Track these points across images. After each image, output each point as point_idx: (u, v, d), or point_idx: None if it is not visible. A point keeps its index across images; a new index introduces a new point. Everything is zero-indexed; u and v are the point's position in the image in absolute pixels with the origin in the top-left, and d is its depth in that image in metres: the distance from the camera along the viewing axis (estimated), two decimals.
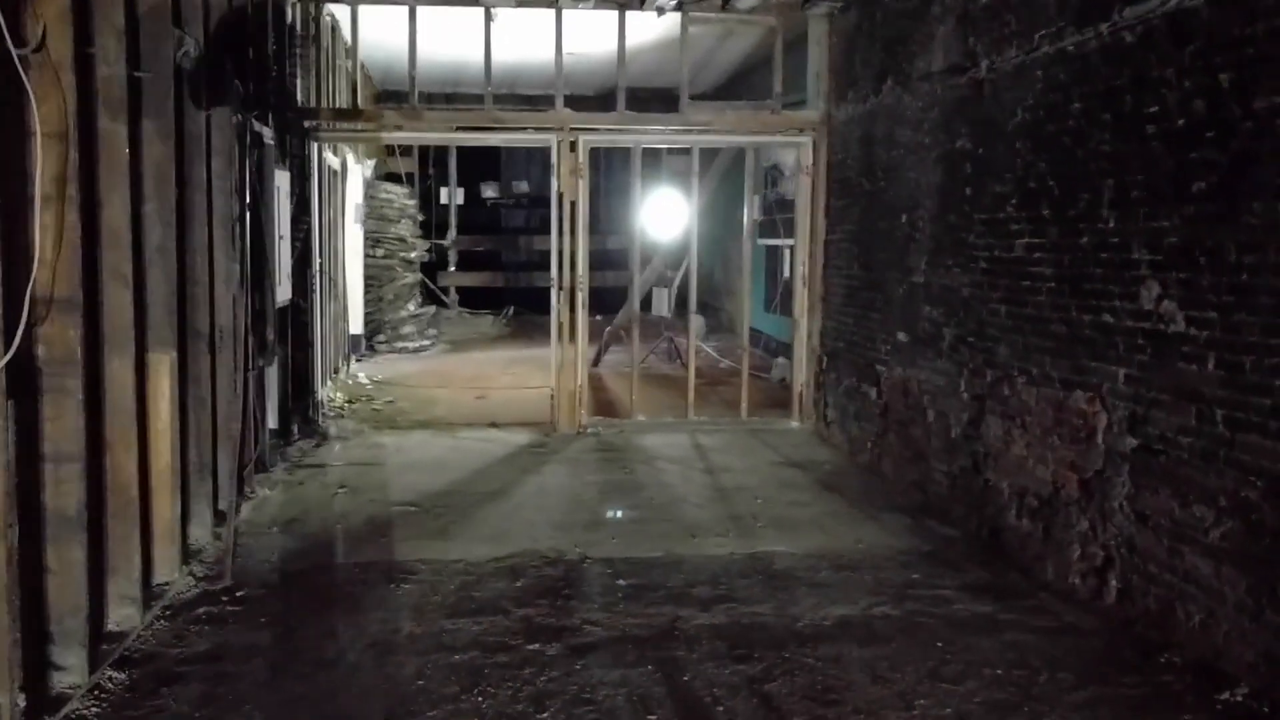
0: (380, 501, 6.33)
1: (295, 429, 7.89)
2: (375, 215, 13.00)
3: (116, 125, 4.21)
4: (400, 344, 13.06)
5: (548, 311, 8.36)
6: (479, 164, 16.98)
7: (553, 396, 8.39)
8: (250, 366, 6.39)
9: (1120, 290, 4.55)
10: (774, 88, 8.46)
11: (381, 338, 13.04)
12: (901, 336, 6.91)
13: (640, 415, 8.56)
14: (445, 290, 16.22)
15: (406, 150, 15.94)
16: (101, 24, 4.13)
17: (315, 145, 8.26)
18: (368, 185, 13.01)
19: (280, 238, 7.34)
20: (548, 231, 8.34)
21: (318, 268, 8.22)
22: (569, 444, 7.95)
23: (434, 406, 9.48)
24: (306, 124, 7.94)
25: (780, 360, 10.72)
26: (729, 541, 5.56)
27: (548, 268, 8.35)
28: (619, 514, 6.11)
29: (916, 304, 6.68)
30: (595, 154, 8.53)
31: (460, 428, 8.49)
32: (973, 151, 5.97)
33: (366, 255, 12.79)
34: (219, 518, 5.82)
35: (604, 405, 9.29)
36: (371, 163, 13.45)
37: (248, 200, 6.31)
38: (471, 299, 16.31)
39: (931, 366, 6.43)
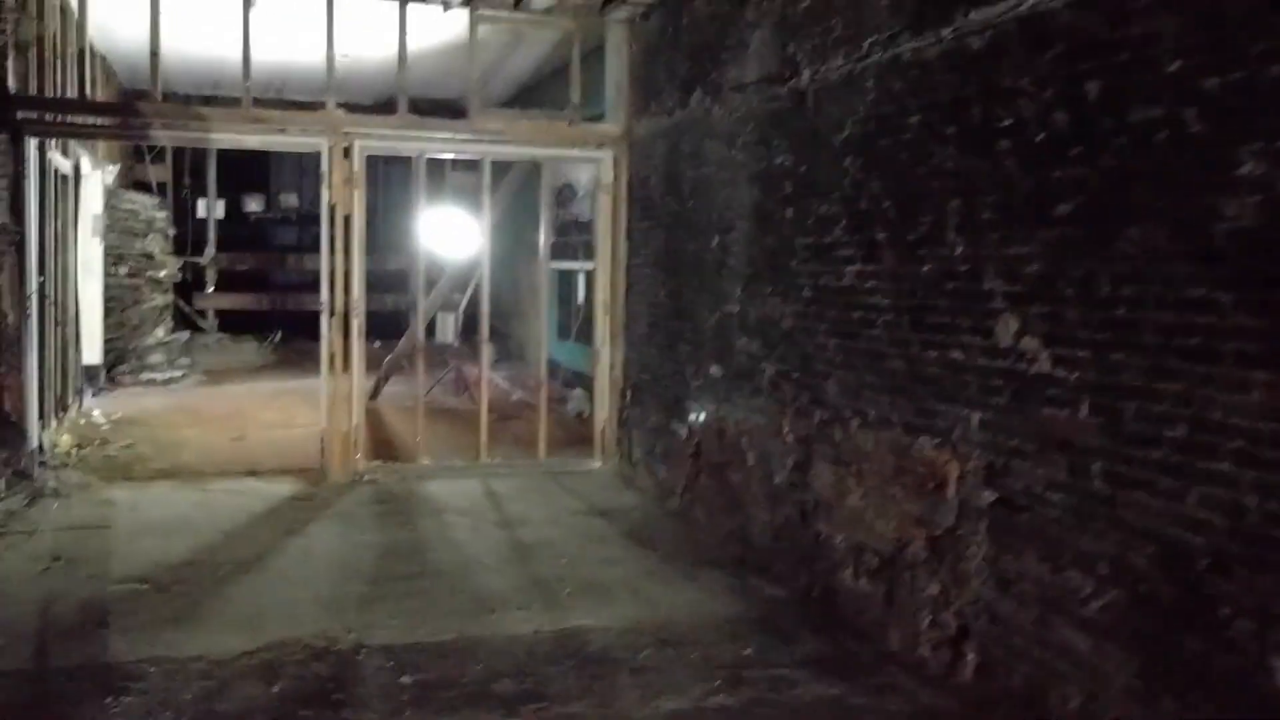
0: (102, 578, 5.17)
1: (0, 484, 6.53)
2: (118, 229, 11.46)
3: None
4: (147, 375, 11.55)
5: (319, 337, 7.32)
6: (243, 174, 15.51)
7: (323, 438, 7.34)
8: None
9: (971, 324, 4.06)
10: (571, 98, 7.76)
11: (125, 368, 11.49)
12: (714, 370, 6.32)
13: (425, 459, 7.63)
14: (203, 313, 14.66)
15: (159, 156, 14.34)
16: None
17: (33, 143, 6.92)
18: (109, 194, 11.47)
19: None
20: (320, 250, 7.32)
21: (35, 287, 6.87)
22: (342, 495, 6.93)
23: (181, 451, 8.21)
24: (20, 115, 6.62)
25: (577, 391, 10.02)
26: (533, 615, 4.75)
27: (319, 290, 7.32)
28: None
29: (731, 335, 6.11)
30: (374, 166, 7.61)
31: (211, 478, 7.30)
32: (794, 169, 5.45)
33: (107, 274, 11.26)
34: None
35: (383, 446, 8.29)
36: (114, 169, 11.89)
37: None
38: (233, 323, 14.79)
39: (749, 404, 5.86)
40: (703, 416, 6.46)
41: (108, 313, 11.20)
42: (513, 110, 10.18)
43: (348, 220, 7.27)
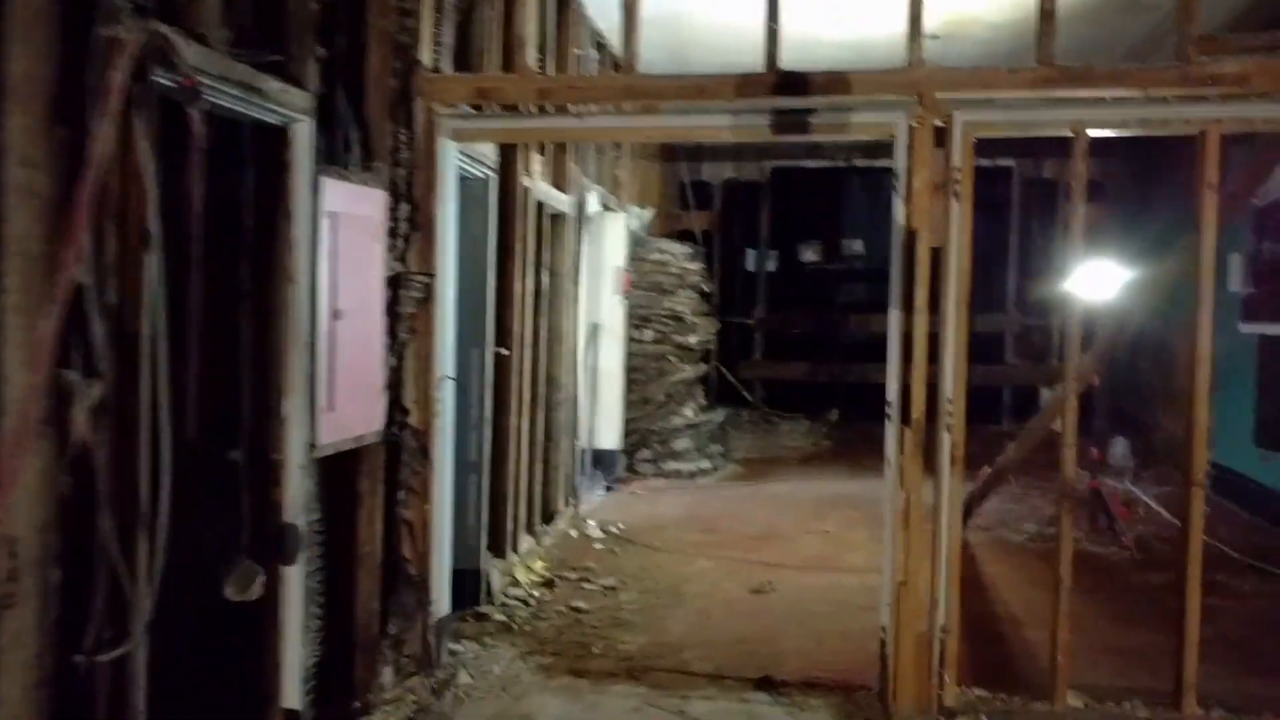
0: None
1: (387, 671, 4.18)
2: (644, 284, 9.34)
3: None
4: (671, 465, 9.22)
5: (886, 418, 4.16)
6: (801, 220, 12.99)
7: (883, 643, 4.13)
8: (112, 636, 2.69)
9: None
10: None
11: (646, 454, 9.27)
12: None
13: (1071, 694, 4.08)
14: (749, 385, 12.27)
15: (705, 201, 12.31)
16: None
17: (452, 148, 4.62)
18: (635, 242, 9.41)
19: (337, 315, 3.69)
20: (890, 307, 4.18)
21: (444, 374, 4.49)
22: None
23: (674, 609, 5.46)
24: (433, 107, 4.31)
25: None
26: None
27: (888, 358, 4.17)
28: None
29: None
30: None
31: (700, 684, 4.39)
32: None
33: (630, 339, 9.15)
34: None
35: (983, 638, 4.88)
36: (647, 213, 9.88)
37: (151, 229, 2.67)
38: (782, 397, 12.23)
39: None
40: None
41: (630, 387, 9.08)
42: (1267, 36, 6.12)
43: (937, 255, 4.07)
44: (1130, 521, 6.91)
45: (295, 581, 3.50)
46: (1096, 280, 6.23)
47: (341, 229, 3.69)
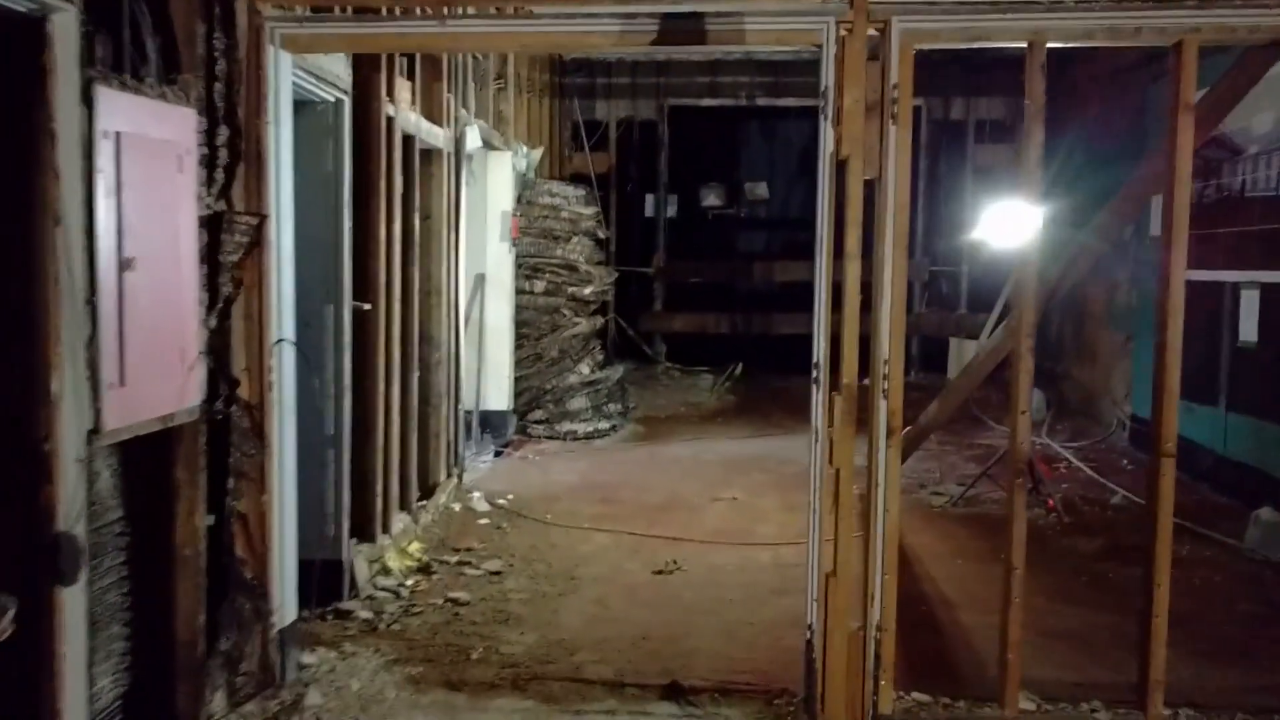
0: None
1: (218, 695, 3.45)
2: (534, 230, 8.60)
3: None
4: (566, 426, 8.55)
5: (793, 370, 3.58)
6: (702, 161, 12.35)
7: (809, 642, 3.55)
8: None
9: None
10: None
11: (539, 415, 8.59)
12: None
13: (1022, 696, 3.56)
14: (649, 338, 11.63)
15: (601, 141, 11.55)
16: None
17: (285, 60, 3.82)
18: (524, 185, 8.65)
19: (127, 265, 2.90)
20: (797, 256, 3.53)
21: (285, 335, 3.71)
22: None
23: (568, 598, 4.82)
24: (264, 10, 3.49)
25: (1263, 513, 5.44)
26: None
27: (794, 307, 3.54)
28: None
29: None
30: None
31: (596, 694, 3.76)
32: None
33: (519, 291, 8.44)
34: None
35: (915, 625, 4.35)
36: (536, 153, 9.10)
37: None
38: (683, 350, 11.63)
39: None
40: None
41: (519, 343, 8.37)
42: None
43: (869, 189, 3.46)
44: (1054, 481, 6.51)
45: (75, 606, 2.74)
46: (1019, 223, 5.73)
47: (131, 155, 2.88)
